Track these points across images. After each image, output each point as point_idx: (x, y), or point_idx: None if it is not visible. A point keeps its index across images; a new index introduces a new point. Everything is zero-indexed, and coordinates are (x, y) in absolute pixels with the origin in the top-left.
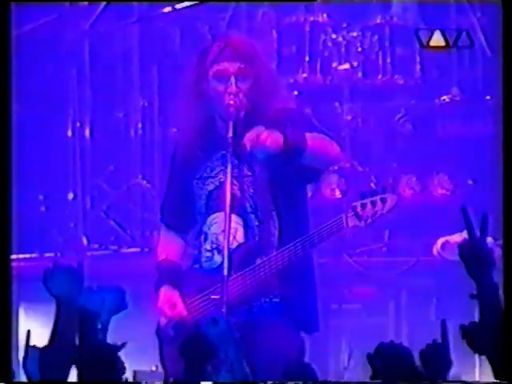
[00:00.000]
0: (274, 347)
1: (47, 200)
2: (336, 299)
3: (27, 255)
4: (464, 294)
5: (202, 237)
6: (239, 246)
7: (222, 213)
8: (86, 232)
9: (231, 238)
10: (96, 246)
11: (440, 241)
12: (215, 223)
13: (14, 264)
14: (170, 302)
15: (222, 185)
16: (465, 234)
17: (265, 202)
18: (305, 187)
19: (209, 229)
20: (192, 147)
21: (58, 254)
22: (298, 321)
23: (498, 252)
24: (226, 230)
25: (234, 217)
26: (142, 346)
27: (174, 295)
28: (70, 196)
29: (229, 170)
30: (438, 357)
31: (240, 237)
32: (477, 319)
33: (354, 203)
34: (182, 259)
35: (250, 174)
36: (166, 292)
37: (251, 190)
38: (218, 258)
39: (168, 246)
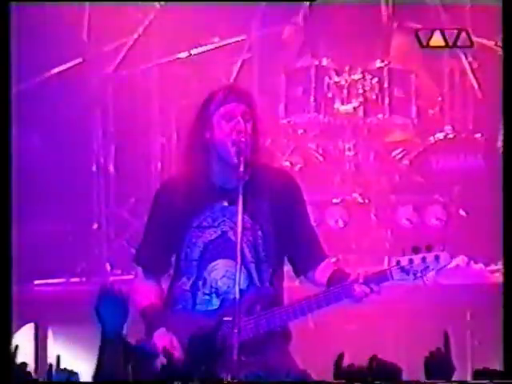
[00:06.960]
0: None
1: (74, 229)
2: (334, 320)
3: (55, 280)
4: (458, 317)
5: (200, 282)
6: (241, 291)
7: (224, 260)
8: (109, 258)
9: (231, 285)
10: (119, 271)
11: None
12: (215, 270)
13: (43, 288)
14: (171, 345)
15: (224, 234)
16: (458, 261)
17: (269, 252)
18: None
19: (209, 275)
20: (187, 197)
21: (84, 279)
22: None
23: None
24: (237, 269)
25: (233, 264)
26: None
27: (173, 339)
28: (95, 226)
29: (240, 207)
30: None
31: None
32: (469, 339)
33: (398, 258)
34: (161, 302)
35: (257, 227)
36: (163, 336)
37: (258, 241)
38: (216, 302)
39: (149, 291)
